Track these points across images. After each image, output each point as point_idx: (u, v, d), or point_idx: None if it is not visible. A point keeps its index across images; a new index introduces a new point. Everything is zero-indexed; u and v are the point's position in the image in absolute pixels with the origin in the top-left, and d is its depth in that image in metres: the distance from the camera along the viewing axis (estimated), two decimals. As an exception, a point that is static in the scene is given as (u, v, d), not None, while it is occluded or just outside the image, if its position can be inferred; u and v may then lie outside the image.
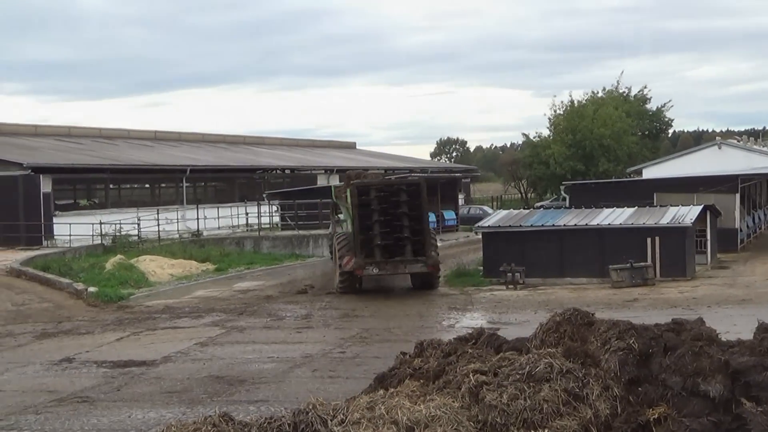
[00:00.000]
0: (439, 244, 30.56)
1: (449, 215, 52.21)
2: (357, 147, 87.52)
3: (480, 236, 32.76)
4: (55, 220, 42.61)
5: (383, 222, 26.76)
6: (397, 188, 27.42)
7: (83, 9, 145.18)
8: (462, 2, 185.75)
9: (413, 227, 26.86)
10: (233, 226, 47.00)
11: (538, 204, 56.88)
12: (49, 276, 30.67)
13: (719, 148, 48.15)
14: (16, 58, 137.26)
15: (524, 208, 37.98)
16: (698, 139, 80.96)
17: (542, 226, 30.42)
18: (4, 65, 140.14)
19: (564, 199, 41.60)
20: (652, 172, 48.20)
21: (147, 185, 57.44)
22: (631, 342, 8.98)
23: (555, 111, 70.14)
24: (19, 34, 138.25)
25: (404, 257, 26.90)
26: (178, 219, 45.09)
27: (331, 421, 8.10)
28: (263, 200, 48.95)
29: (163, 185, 55.64)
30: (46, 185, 42.64)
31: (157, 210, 44.47)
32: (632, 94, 74.45)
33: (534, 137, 72.02)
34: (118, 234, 40.22)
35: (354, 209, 26.96)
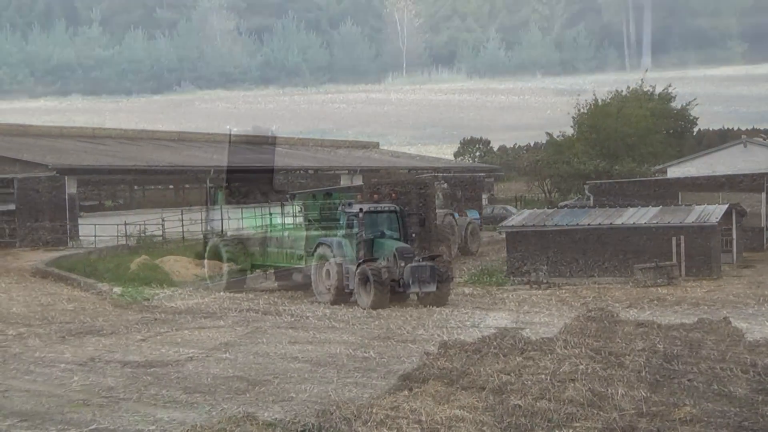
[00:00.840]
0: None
1: (473, 215, 52.03)
2: (380, 147, 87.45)
3: (504, 236, 32.72)
4: (80, 221, 42.83)
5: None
6: (407, 187, 28.31)
7: (101, 9, 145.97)
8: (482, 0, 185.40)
9: (421, 223, 27.56)
10: (256, 227, 47.11)
11: (562, 203, 56.57)
12: (74, 276, 30.87)
13: (745, 146, 47.82)
14: (35, 59, 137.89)
15: (548, 208, 37.87)
16: (723, 138, 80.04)
17: (566, 225, 30.33)
18: (26, 66, 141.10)
19: (588, 198, 41.42)
20: (677, 171, 47.98)
21: (171, 186, 57.67)
22: (656, 342, 8.94)
23: (579, 110, 69.83)
24: (39, 35, 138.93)
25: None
26: (202, 219, 45.23)
27: (355, 421, 8.11)
28: (286, 200, 48.97)
29: (187, 186, 55.84)
30: (71, 186, 42.88)
31: (182, 210, 44.67)
32: (656, 92, 73.97)
33: (558, 136, 71.66)
34: (142, 235, 40.42)
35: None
